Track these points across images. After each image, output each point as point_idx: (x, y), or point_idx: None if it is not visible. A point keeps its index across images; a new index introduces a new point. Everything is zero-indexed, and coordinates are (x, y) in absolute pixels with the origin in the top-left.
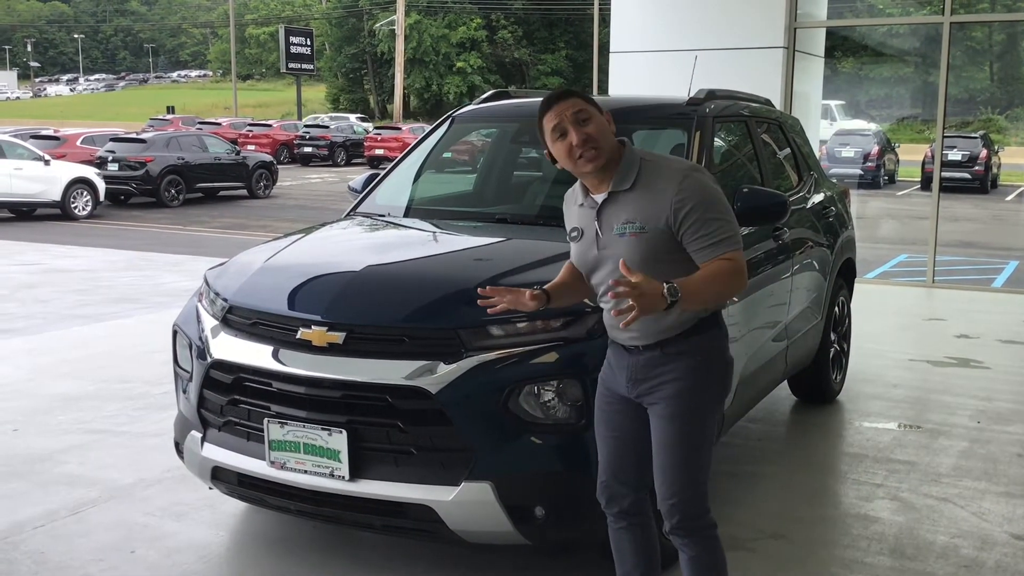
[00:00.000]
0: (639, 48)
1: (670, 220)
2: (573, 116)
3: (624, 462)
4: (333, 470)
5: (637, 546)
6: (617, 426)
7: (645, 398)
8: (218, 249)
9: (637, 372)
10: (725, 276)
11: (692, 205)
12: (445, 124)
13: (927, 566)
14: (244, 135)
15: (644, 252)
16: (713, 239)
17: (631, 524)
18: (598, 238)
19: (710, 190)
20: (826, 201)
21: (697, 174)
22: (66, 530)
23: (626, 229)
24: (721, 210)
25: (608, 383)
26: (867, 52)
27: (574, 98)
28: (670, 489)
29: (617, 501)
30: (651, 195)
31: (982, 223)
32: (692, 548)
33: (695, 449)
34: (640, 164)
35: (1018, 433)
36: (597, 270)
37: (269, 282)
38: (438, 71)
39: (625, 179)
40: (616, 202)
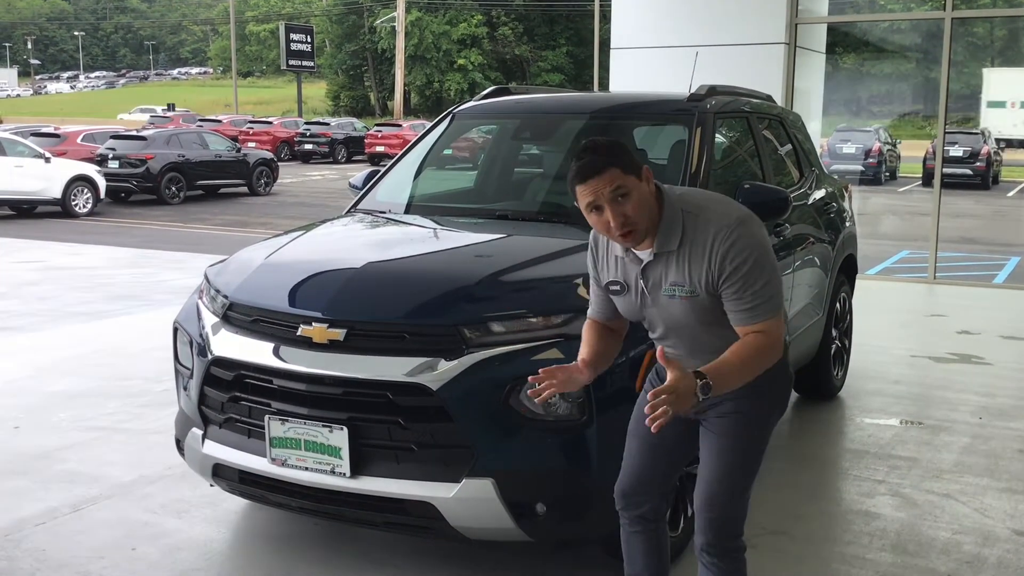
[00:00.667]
0: (640, 44)
1: (712, 280)
2: (610, 195)
3: (655, 470)
4: (334, 467)
5: (649, 550)
6: (664, 439)
7: (701, 413)
8: (219, 246)
9: None
10: (757, 357)
11: (735, 263)
12: (446, 121)
13: (929, 562)
14: (245, 132)
15: (698, 313)
16: (748, 302)
17: (645, 529)
18: (644, 296)
19: (759, 245)
20: (827, 197)
21: (745, 227)
22: (67, 527)
23: (675, 291)
24: (759, 273)
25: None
26: (868, 48)
27: (611, 172)
28: (710, 504)
29: (636, 506)
30: (697, 254)
31: (983, 219)
32: (716, 568)
33: (745, 468)
34: (683, 220)
35: (1020, 429)
36: (646, 319)
37: (270, 279)
38: (439, 68)
39: (670, 239)
40: (661, 262)
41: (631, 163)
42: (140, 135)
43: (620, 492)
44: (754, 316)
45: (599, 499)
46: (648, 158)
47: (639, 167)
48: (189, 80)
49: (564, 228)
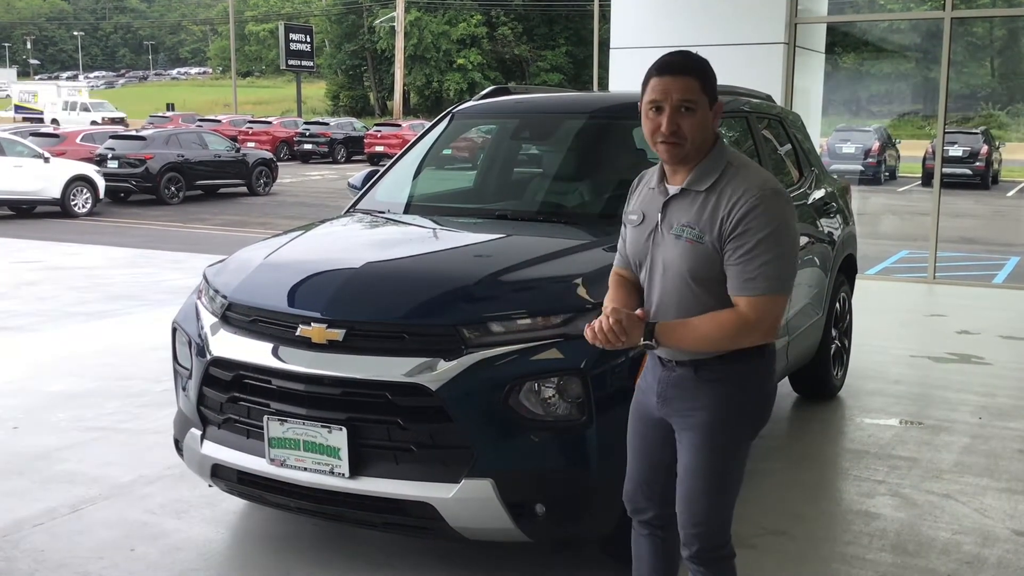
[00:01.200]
0: (639, 44)
1: (723, 232)
2: (677, 102)
3: (651, 477)
4: (333, 467)
5: (657, 554)
6: (646, 440)
7: (674, 420)
8: (218, 246)
9: (667, 390)
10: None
11: (748, 228)
12: (445, 120)
13: (929, 562)
14: (244, 132)
15: (693, 263)
16: (752, 273)
17: (652, 534)
18: (656, 230)
19: (780, 221)
20: (827, 197)
21: (777, 199)
22: (66, 528)
23: (684, 232)
24: (775, 247)
25: (642, 394)
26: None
27: (691, 80)
28: (693, 518)
29: (641, 512)
30: (719, 203)
31: (983, 219)
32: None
33: (721, 481)
34: (725, 168)
35: (1020, 429)
36: (642, 267)
37: (269, 279)
38: (438, 68)
39: (704, 179)
40: (685, 199)
41: (712, 87)
42: (139, 135)
43: (626, 497)
44: (752, 287)
45: (598, 499)
46: (647, 158)
47: (716, 96)
48: (188, 80)
49: (564, 228)
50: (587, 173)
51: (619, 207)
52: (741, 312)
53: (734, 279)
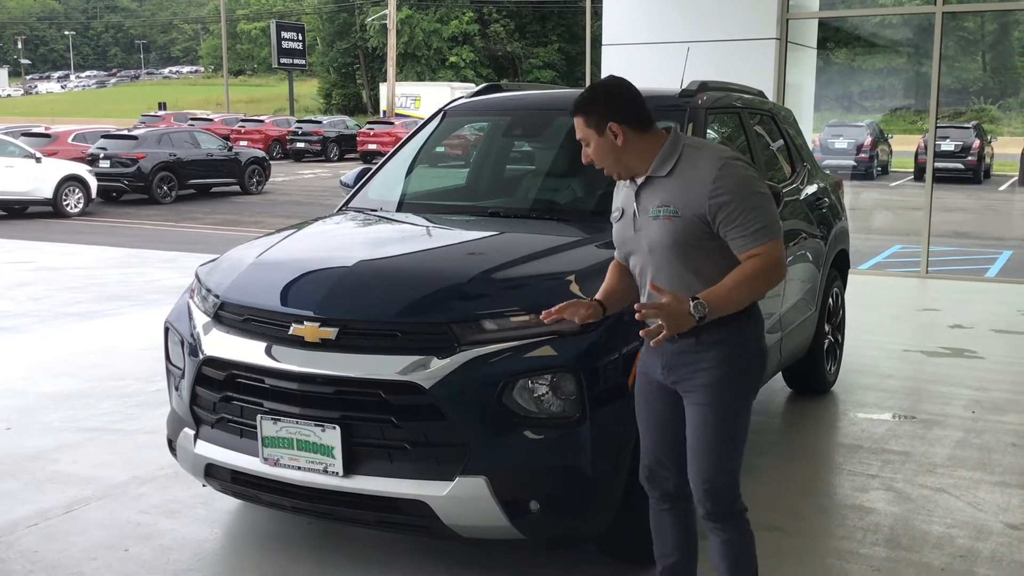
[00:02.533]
0: (631, 40)
1: (705, 209)
2: (579, 138)
3: (666, 447)
4: (327, 466)
5: (678, 527)
6: (656, 412)
7: (680, 385)
8: (211, 245)
9: (672, 359)
10: (753, 278)
11: (728, 197)
12: (437, 118)
13: (922, 556)
14: (236, 131)
15: (676, 236)
16: (748, 229)
17: (673, 507)
18: (635, 219)
19: (746, 179)
20: (819, 192)
21: (734, 163)
22: (59, 529)
23: (660, 212)
24: (757, 200)
25: (646, 368)
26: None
27: (576, 118)
28: (703, 475)
29: (659, 484)
30: (687, 181)
31: (975, 213)
32: (725, 532)
33: (728, 436)
34: (681, 151)
35: (1012, 423)
36: (633, 253)
37: (261, 278)
38: (430, 65)
39: (664, 165)
40: (653, 185)
41: (595, 115)
42: (131, 134)
43: (644, 472)
44: (756, 239)
45: (593, 496)
46: None
47: (603, 121)
48: (180, 79)
49: (556, 225)
50: (579, 170)
51: (611, 203)
52: (760, 259)
53: (738, 240)
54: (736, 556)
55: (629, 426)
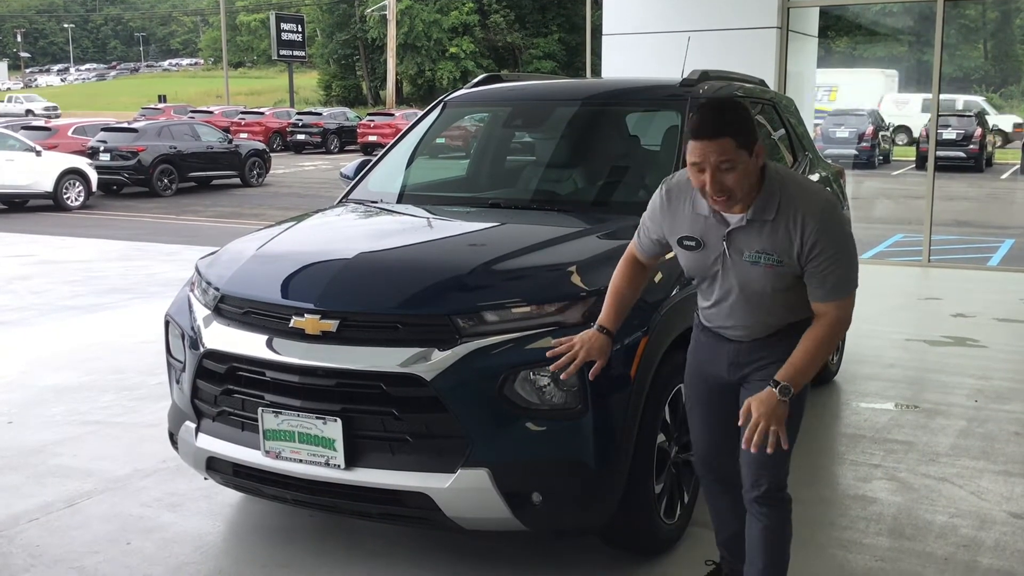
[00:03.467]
0: (632, 30)
1: (801, 255)
2: (716, 163)
3: (725, 432)
4: (328, 459)
5: (737, 508)
6: (716, 408)
7: (747, 377)
8: (211, 238)
9: (740, 356)
10: (823, 343)
11: (823, 248)
12: (437, 109)
13: (926, 546)
14: (236, 123)
15: (776, 282)
16: (828, 284)
17: (729, 489)
18: (725, 258)
19: (843, 234)
20: (821, 181)
21: (835, 214)
22: (61, 522)
23: (760, 259)
24: (846, 256)
25: (705, 367)
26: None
27: (723, 141)
28: (759, 460)
29: (717, 469)
30: (789, 230)
31: (977, 202)
32: (769, 518)
33: (789, 426)
34: (780, 193)
35: (1016, 411)
36: (711, 285)
37: (261, 270)
38: (430, 56)
39: (767, 209)
40: (752, 229)
41: (747, 135)
42: (131, 127)
43: (701, 460)
44: (833, 294)
45: (596, 488)
46: (641, 144)
47: (753, 141)
48: (180, 71)
49: (557, 216)
50: (580, 160)
51: (612, 194)
52: (831, 319)
53: (818, 288)
54: (773, 543)
55: (631, 417)
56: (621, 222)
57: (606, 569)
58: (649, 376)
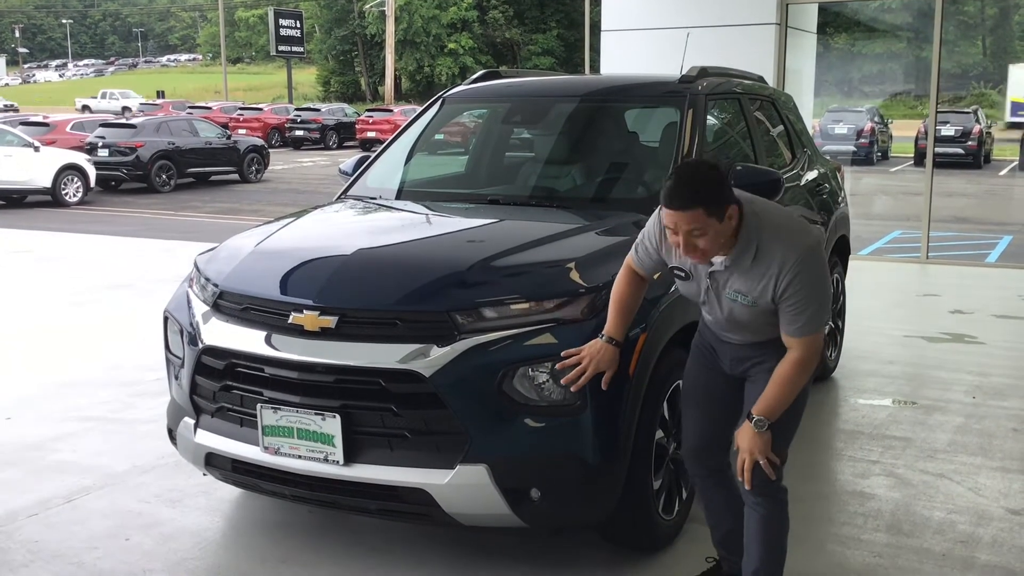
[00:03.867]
0: (630, 26)
1: (775, 296)
2: (687, 231)
3: (716, 425)
4: (327, 455)
5: (730, 499)
6: (715, 395)
7: (747, 371)
8: (210, 234)
9: (741, 353)
10: (793, 379)
11: (795, 291)
12: (436, 105)
13: (923, 542)
14: (235, 119)
15: (754, 316)
16: (799, 322)
17: (720, 480)
18: (710, 292)
19: (817, 278)
20: (820, 178)
21: (811, 258)
22: (60, 518)
23: (737, 298)
24: (816, 299)
25: (707, 361)
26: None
27: (695, 211)
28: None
29: (707, 460)
30: (764, 274)
31: (976, 198)
32: (765, 508)
33: (786, 419)
34: (758, 238)
35: (1013, 408)
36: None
37: (260, 267)
38: (429, 52)
39: (744, 255)
40: (731, 271)
41: (718, 203)
42: (130, 123)
43: (691, 452)
44: (800, 332)
45: (595, 484)
46: (640, 141)
47: (725, 207)
48: (178, 67)
49: (556, 212)
50: (579, 157)
51: (611, 191)
52: (797, 356)
53: (787, 324)
54: (771, 533)
55: (630, 413)
56: (620, 218)
57: (605, 565)
58: (647, 372)
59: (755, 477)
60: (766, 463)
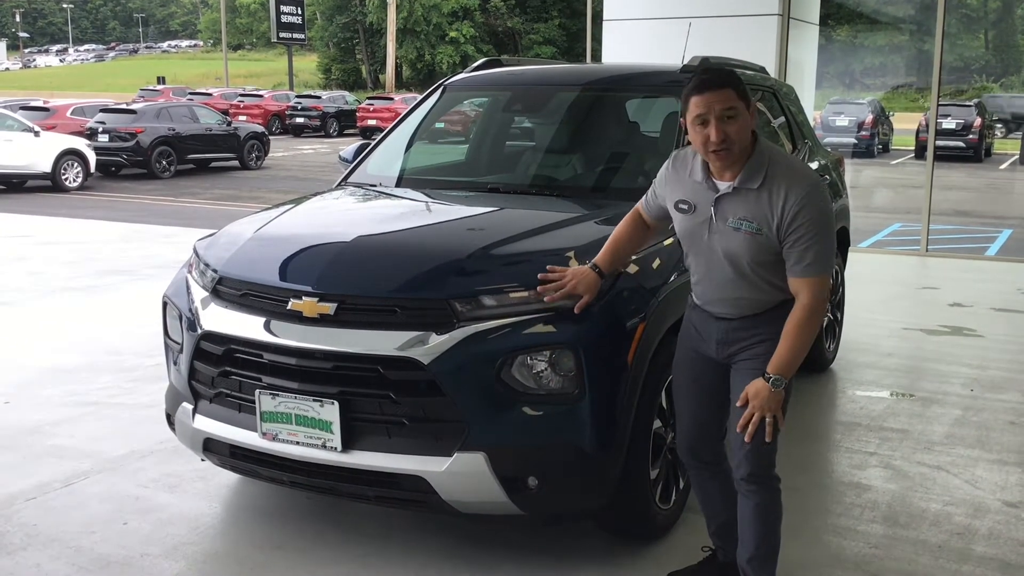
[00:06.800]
0: (632, 16)
1: (780, 227)
2: (720, 112)
3: (710, 415)
4: (325, 441)
5: (725, 491)
6: (702, 384)
7: (735, 357)
8: (209, 220)
9: (729, 335)
10: (803, 327)
11: (802, 222)
12: (436, 93)
13: (920, 534)
14: (235, 106)
15: (755, 252)
16: (806, 260)
17: (715, 473)
18: (711, 222)
19: (824, 213)
20: (820, 170)
21: (819, 193)
22: (58, 502)
23: (742, 225)
24: (825, 235)
25: (695, 346)
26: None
27: (728, 90)
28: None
29: (699, 454)
30: (772, 200)
31: (976, 192)
32: (759, 496)
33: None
34: (768, 164)
35: (1011, 401)
36: (699, 254)
37: (259, 253)
38: (430, 41)
39: (753, 178)
40: (738, 196)
41: (744, 91)
42: (130, 108)
43: (686, 446)
44: (809, 271)
45: (592, 473)
46: (640, 130)
47: (750, 98)
48: (179, 53)
49: (556, 201)
50: (580, 146)
51: (611, 180)
52: (806, 300)
53: (796, 264)
54: (766, 519)
55: (628, 402)
56: (620, 208)
57: (602, 554)
58: (646, 362)
59: (752, 464)
60: (771, 422)
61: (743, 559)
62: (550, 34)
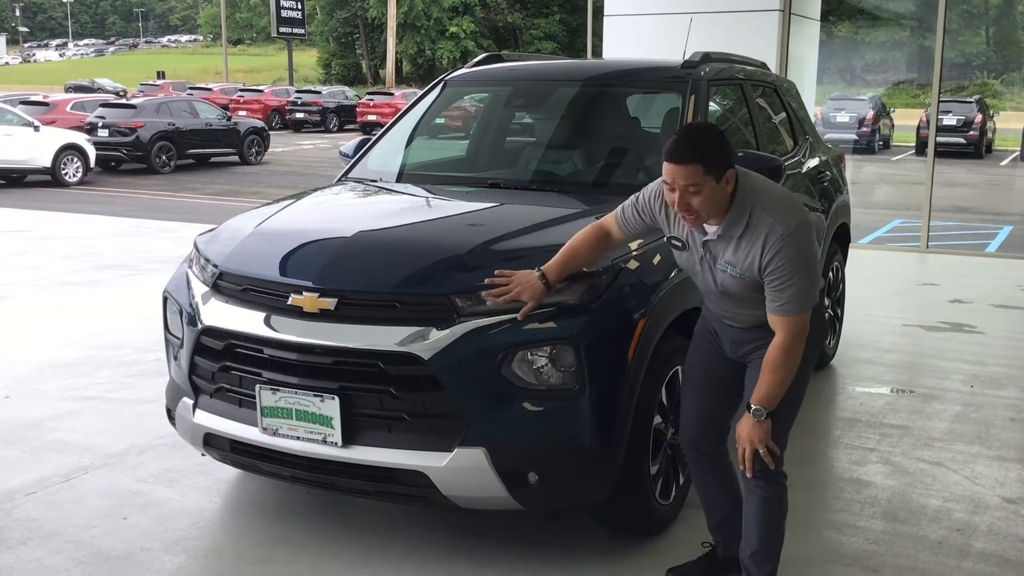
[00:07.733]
0: (633, 11)
1: (761, 267)
2: (683, 186)
3: (716, 409)
4: (326, 436)
5: (726, 484)
6: (716, 379)
7: (749, 355)
8: (210, 216)
9: (741, 336)
10: (782, 364)
11: (780, 264)
12: (437, 88)
13: (919, 530)
14: (235, 101)
15: (745, 288)
16: (781, 300)
17: (716, 465)
18: (703, 262)
19: (802, 253)
20: (821, 166)
21: (799, 234)
22: (58, 497)
23: (728, 268)
24: (801, 276)
25: (710, 343)
26: (863, 16)
27: (694, 167)
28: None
29: (701, 447)
30: (752, 248)
31: (977, 188)
32: (765, 491)
33: (787, 404)
34: (751, 208)
35: (1011, 397)
36: (698, 281)
37: (260, 248)
38: (430, 36)
39: (735, 225)
40: (722, 242)
41: (717, 163)
42: (130, 103)
43: (689, 438)
44: (782, 311)
45: (592, 468)
46: (641, 126)
47: (724, 169)
48: (179, 48)
49: (556, 197)
50: (580, 141)
51: (612, 176)
52: (778, 339)
53: (771, 301)
54: (771, 515)
55: (628, 398)
56: (620, 203)
57: (602, 549)
58: (646, 358)
59: (755, 465)
60: (766, 452)
61: (746, 554)
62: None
